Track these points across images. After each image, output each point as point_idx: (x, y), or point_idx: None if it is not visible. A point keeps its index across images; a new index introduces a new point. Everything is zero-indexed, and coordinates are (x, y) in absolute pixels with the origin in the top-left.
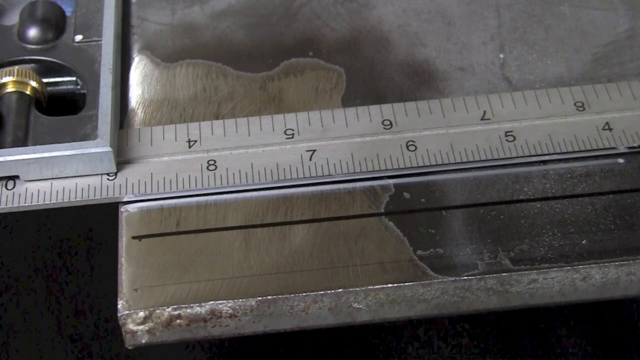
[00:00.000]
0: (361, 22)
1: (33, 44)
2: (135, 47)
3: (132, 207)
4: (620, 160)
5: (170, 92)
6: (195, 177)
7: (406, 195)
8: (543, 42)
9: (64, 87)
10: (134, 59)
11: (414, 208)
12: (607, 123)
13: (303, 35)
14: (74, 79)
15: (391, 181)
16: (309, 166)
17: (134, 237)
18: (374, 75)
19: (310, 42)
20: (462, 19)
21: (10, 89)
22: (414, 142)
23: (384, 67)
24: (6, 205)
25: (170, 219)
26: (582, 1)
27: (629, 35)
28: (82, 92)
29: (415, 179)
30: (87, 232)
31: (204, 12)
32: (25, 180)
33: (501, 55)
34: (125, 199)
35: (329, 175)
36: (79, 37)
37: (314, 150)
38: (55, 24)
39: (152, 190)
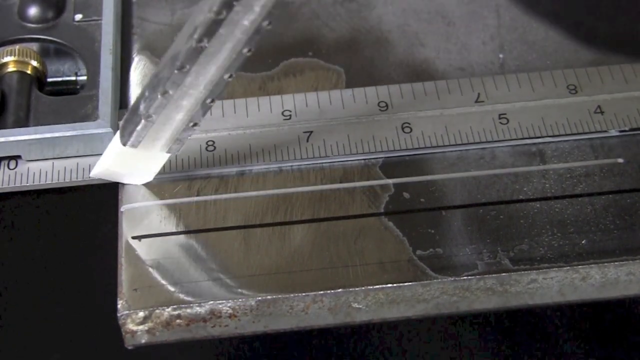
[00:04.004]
0: (361, 22)
1: (33, 23)
2: (135, 47)
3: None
4: (620, 160)
5: None
6: (195, 158)
7: (406, 195)
8: (543, 42)
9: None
10: (134, 59)
11: (414, 208)
12: (599, 106)
13: (303, 35)
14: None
15: (391, 181)
16: (306, 147)
17: (134, 237)
18: (374, 76)
19: (309, 42)
20: (461, 19)
21: (11, 68)
22: (409, 123)
23: (383, 67)
24: (8, 184)
25: (170, 219)
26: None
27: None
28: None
29: (415, 178)
30: (87, 232)
31: None
32: (27, 160)
33: (501, 55)
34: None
35: (326, 156)
36: (78, 16)
37: (311, 132)
38: (55, 2)
39: None
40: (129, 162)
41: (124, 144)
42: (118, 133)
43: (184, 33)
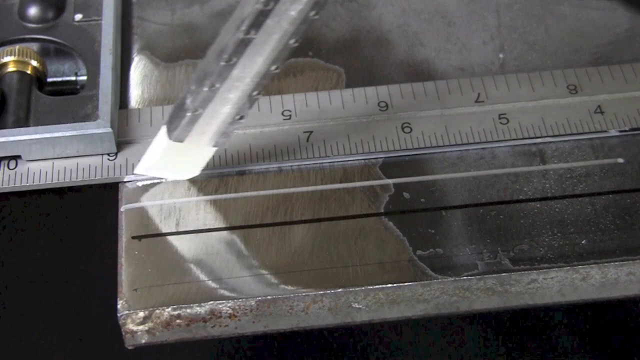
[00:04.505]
0: (361, 22)
1: (33, 23)
2: (135, 47)
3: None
4: (620, 160)
5: (170, 92)
6: None
7: (406, 195)
8: (543, 42)
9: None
10: (134, 59)
11: (414, 208)
12: (598, 106)
13: (303, 35)
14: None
15: (391, 181)
16: (306, 147)
17: (133, 237)
18: (374, 76)
19: (310, 42)
20: (461, 19)
21: (11, 68)
22: (409, 123)
23: (383, 67)
24: (8, 184)
25: (170, 219)
26: (582, 1)
27: (629, 35)
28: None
29: (415, 178)
30: (87, 232)
31: (203, 12)
32: (27, 160)
33: (501, 55)
34: (125, 179)
35: (326, 156)
36: (78, 16)
37: (311, 132)
38: (55, 2)
39: None
40: (175, 157)
41: (171, 139)
42: (164, 128)
43: (231, 25)
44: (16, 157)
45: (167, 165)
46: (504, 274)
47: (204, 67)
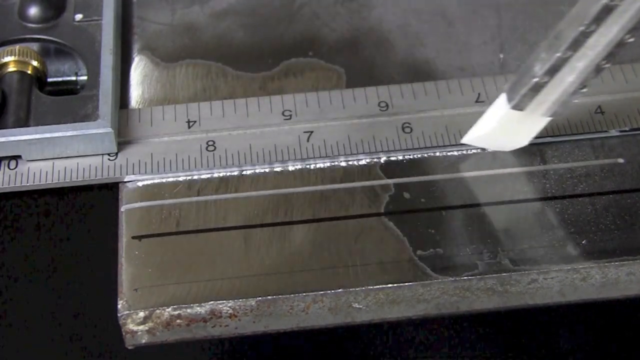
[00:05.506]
0: (361, 22)
1: (33, 23)
2: (135, 47)
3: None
4: (620, 160)
5: (170, 92)
6: (195, 158)
7: (406, 195)
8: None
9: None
10: (134, 59)
11: (414, 208)
12: (599, 106)
13: (303, 35)
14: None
15: (391, 181)
16: (307, 147)
17: (134, 237)
18: (374, 76)
19: (310, 42)
20: (462, 19)
21: (11, 68)
22: (409, 123)
23: (384, 67)
24: (9, 184)
25: (170, 219)
26: None
27: None
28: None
29: (415, 178)
30: (87, 232)
31: (204, 12)
32: (28, 160)
33: (501, 55)
34: (125, 179)
35: (326, 156)
36: (79, 16)
37: (311, 132)
38: (55, 2)
39: (152, 171)
40: (510, 126)
41: (510, 107)
42: (502, 96)
43: None
44: (16, 157)
45: (499, 134)
46: (504, 274)
47: (559, 34)
